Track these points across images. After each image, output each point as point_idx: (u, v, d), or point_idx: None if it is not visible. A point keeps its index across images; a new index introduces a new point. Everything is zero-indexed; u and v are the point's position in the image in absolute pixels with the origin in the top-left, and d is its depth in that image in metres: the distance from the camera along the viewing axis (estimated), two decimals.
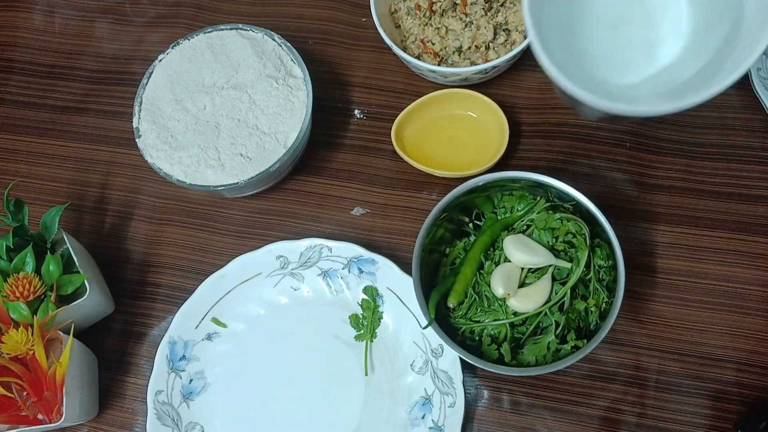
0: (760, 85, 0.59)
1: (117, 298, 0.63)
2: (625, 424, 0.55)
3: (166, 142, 0.59)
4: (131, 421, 0.59)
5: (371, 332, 0.58)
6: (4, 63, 0.74)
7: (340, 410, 0.57)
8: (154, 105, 0.60)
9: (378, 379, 0.57)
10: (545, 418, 0.56)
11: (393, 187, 0.64)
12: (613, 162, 0.61)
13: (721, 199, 0.60)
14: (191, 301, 0.59)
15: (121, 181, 0.67)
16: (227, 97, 0.60)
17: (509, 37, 0.63)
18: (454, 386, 0.54)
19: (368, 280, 0.59)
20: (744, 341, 0.56)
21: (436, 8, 0.64)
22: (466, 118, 0.64)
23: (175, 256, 0.64)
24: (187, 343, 0.58)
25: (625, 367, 0.56)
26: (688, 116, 0.62)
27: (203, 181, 0.57)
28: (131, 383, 0.60)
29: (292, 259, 0.59)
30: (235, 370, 0.59)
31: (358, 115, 0.66)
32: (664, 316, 0.57)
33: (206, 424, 0.57)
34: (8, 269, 0.55)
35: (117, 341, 0.62)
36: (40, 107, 0.71)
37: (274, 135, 0.59)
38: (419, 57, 0.64)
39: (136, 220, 0.66)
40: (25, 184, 0.68)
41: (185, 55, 0.62)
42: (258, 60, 0.60)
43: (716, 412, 0.54)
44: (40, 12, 0.75)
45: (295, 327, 0.59)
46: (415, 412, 0.55)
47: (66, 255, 0.57)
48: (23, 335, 0.52)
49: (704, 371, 0.55)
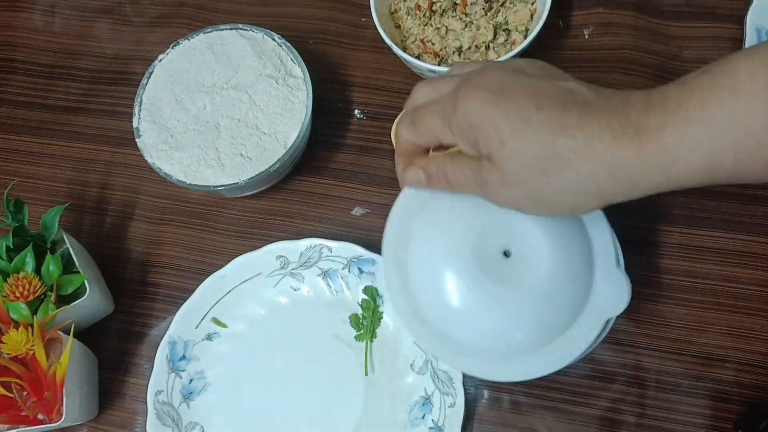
0: None
1: (117, 298, 0.63)
2: (625, 424, 0.55)
3: (166, 142, 0.59)
4: (131, 421, 0.59)
5: (371, 332, 0.58)
6: (4, 63, 0.74)
7: (340, 410, 0.57)
8: (154, 105, 0.60)
9: (378, 379, 0.57)
10: (545, 418, 0.56)
11: (393, 187, 0.64)
12: None
13: (721, 199, 0.60)
14: (191, 301, 0.59)
15: (121, 181, 0.67)
16: (227, 97, 0.60)
17: (509, 37, 0.63)
18: (454, 386, 0.54)
19: (368, 280, 0.59)
20: (744, 341, 0.56)
21: (436, 8, 0.64)
22: None
23: (175, 256, 0.64)
24: (187, 343, 0.59)
25: (625, 367, 0.56)
26: None
27: (203, 181, 0.57)
28: (131, 383, 0.60)
29: (292, 259, 0.59)
30: (235, 370, 0.59)
31: (358, 115, 0.67)
32: (665, 316, 0.57)
33: (206, 423, 0.57)
34: (8, 269, 0.55)
35: (117, 341, 0.62)
36: (40, 107, 0.71)
37: (274, 135, 0.59)
38: (419, 57, 0.64)
39: (136, 220, 0.66)
40: (25, 184, 0.68)
41: (185, 55, 0.62)
42: (258, 60, 0.60)
43: (716, 412, 0.54)
44: (40, 12, 0.76)
45: (295, 327, 0.59)
46: (415, 412, 0.55)
47: (66, 255, 0.57)
48: (23, 335, 0.52)
49: (704, 371, 0.55)
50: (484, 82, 0.39)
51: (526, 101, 0.37)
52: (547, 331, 0.46)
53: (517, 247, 0.45)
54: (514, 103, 0.37)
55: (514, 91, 0.37)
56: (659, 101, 0.34)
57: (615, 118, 0.34)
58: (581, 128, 0.35)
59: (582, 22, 0.67)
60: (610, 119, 0.35)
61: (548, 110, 0.36)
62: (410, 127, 0.43)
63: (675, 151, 0.33)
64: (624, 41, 0.65)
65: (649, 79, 0.64)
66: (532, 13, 0.63)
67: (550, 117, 0.36)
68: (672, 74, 0.64)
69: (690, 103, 0.33)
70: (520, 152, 0.36)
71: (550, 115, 0.36)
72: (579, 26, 0.67)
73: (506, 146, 0.37)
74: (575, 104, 0.36)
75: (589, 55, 0.66)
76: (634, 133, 0.34)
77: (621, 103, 0.35)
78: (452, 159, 0.41)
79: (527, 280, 0.45)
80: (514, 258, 0.45)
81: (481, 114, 0.38)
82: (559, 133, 0.35)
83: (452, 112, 0.39)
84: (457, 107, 0.39)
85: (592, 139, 0.35)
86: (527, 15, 0.63)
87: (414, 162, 0.44)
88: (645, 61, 0.64)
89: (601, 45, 0.66)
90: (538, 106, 0.36)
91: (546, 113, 0.36)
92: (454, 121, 0.39)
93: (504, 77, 0.39)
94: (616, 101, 0.35)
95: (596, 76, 0.64)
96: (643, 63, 0.64)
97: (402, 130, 0.44)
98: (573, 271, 0.46)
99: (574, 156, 0.35)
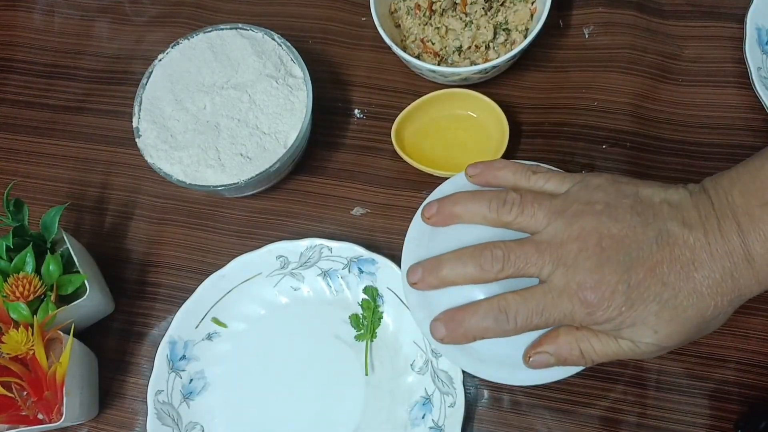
0: (761, 85, 0.59)
1: (117, 298, 0.63)
2: (626, 424, 0.55)
3: (166, 142, 0.59)
4: (131, 421, 0.59)
5: (371, 332, 0.58)
6: (4, 62, 0.74)
7: (340, 410, 0.57)
8: (154, 105, 0.60)
9: (378, 378, 0.57)
10: (545, 417, 0.56)
11: (393, 187, 0.64)
12: (614, 162, 0.61)
13: None
14: (191, 301, 0.59)
15: (121, 181, 0.67)
16: (227, 97, 0.60)
17: (509, 37, 0.63)
18: (455, 386, 0.54)
19: (368, 280, 0.59)
20: (745, 341, 0.56)
21: (436, 8, 0.64)
22: (466, 118, 0.64)
23: (175, 256, 0.64)
24: (188, 342, 0.59)
25: (626, 367, 0.56)
26: (688, 116, 0.62)
27: (203, 181, 0.57)
28: (131, 383, 0.60)
29: (292, 259, 0.59)
30: (236, 369, 0.59)
31: (358, 115, 0.66)
32: None
33: (206, 423, 0.57)
34: (8, 269, 0.55)
35: (117, 341, 0.62)
36: (40, 107, 0.71)
37: (274, 135, 0.59)
38: (419, 57, 0.64)
39: (136, 220, 0.66)
40: (25, 184, 0.68)
41: (185, 54, 0.62)
42: (258, 60, 0.60)
43: (716, 412, 0.54)
44: (40, 11, 0.75)
45: (296, 327, 0.59)
46: (415, 412, 0.55)
47: (66, 255, 0.57)
48: (23, 335, 0.52)
49: (705, 371, 0.55)
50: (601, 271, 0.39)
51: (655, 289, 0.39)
52: None
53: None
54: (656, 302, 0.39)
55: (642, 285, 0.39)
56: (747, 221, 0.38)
57: (728, 259, 0.38)
58: (713, 288, 0.39)
59: (582, 22, 0.67)
60: (726, 266, 0.38)
61: (674, 281, 0.39)
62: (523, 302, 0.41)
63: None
64: (624, 41, 0.65)
65: (648, 78, 0.64)
66: (532, 13, 0.63)
67: (688, 292, 0.39)
68: (672, 74, 0.64)
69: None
70: (675, 333, 0.40)
71: (686, 289, 0.39)
72: (579, 26, 0.67)
73: (659, 333, 0.40)
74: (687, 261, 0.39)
75: (588, 55, 0.66)
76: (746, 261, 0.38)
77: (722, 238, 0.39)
78: (585, 336, 0.42)
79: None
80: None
81: (635, 317, 0.39)
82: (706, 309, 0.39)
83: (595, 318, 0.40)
84: (602, 316, 0.39)
85: (722, 285, 0.39)
86: (527, 14, 0.63)
87: (542, 344, 0.43)
88: (645, 61, 0.64)
89: (601, 44, 0.66)
90: (665, 282, 0.39)
91: (676, 286, 0.39)
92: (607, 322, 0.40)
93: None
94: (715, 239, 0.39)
95: (596, 75, 0.64)
96: (643, 62, 0.64)
97: (517, 304, 0.41)
98: None
99: (714, 302, 0.39)
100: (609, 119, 0.63)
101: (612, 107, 0.63)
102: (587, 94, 0.64)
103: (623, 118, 0.63)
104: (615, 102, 0.63)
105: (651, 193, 0.41)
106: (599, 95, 0.64)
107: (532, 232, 0.42)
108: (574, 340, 0.42)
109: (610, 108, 0.63)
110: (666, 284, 0.38)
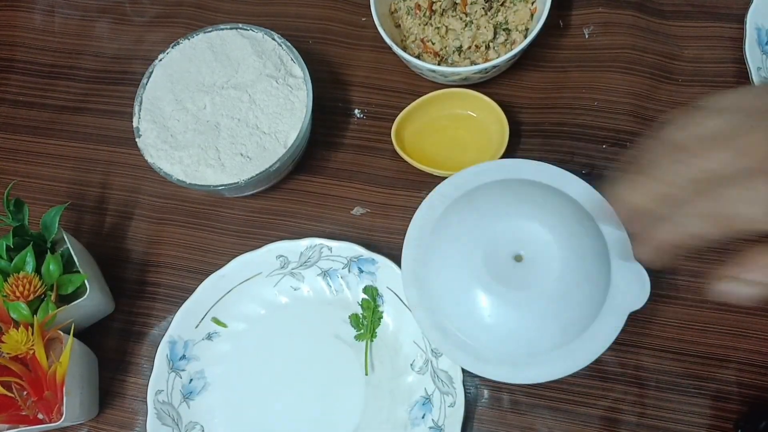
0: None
1: (117, 298, 0.63)
2: (626, 424, 0.55)
3: (166, 142, 0.59)
4: (131, 421, 0.59)
5: (371, 332, 0.58)
6: (4, 63, 0.74)
7: (340, 410, 0.57)
8: (154, 105, 0.60)
9: (378, 378, 0.57)
10: (545, 417, 0.56)
11: (393, 187, 0.64)
12: (614, 162, 0.61)
13: None
14: (191, 301, 0.59)
15: (121, 181, 0.67)
16: (227, 97, 0.60)
17: (509, 37, 0.63)
18: (454, 386, 0.54)
19: (368, 279, 0.59)
20: (745, 341, 0.56)
21: (436, 8, 0.64)
22: (466, 117, 0.64)
23: (175, 255, 0.64)
24: (187, 342, 0.58)
25: (626, 367, 0.56)
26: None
27: (203, 181, 0.57)
28: (131, 383, 0.60)
29: (292, 258, 0.59)
30: (235, 369, 0.59)
31: (358, 115, 0.66)
32: (665, 316, 0.57)
33: (206, 423, 0.57)
34: (8, 269, 0.55)
35: (117, 341, 0.62)
36: (40, 107, 0.71)
37: (274, 134, 0.59)
38: (419, 56, 0.64)
39: (136, 220, 0.66)
40: (25, 184, 0.68)
41: (185, 54, 0.62)
42: (258, 59, 0.60)
43: (716, 412, 0.54)
44: (40, 11, 0.76)
45: (295, 327, 0.59)
46: (415, 412, 0.55)
47: (66, 255, 0.57)
48: (23, 335, 0.52)
49: (705, 371, 0.55)
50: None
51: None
52: (567, 330, 0.46)
53: (527, 251, 0.46)
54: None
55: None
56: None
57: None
58: None
59: (582, 22, 0.67)
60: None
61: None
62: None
63: None
64: (624, 41, 0.65)
65: (648, 78, 0.64)
66: (532, 13, 0.63)
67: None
68: (672, 74, 0.64)
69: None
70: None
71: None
72: (579, 26, 0.67)
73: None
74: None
75: (588, 55, 0.66)
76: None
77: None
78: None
79: (540, 281, 0.45)
80: (526, 261, 0.46)
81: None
82: None
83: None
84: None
85: None
86: (527, 14, 0.63)
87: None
88: (645, 61, 0.64)
89: (601, 44, 0.66)
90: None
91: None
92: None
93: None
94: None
95: (596, 75, 0.65)
96: (643, 62, 0.64)
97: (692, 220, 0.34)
98: (587, 269, 0.46)
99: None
100: (609, 119, 0.63)
101: (612, 107, 0.63)
102: (587, 94, 0.64)
103: (623, 118, 0.63)
104: (615, 102, 0.63)
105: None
106: (599, 95, 0.64)
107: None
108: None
109: (610, 108, 0.63)
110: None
